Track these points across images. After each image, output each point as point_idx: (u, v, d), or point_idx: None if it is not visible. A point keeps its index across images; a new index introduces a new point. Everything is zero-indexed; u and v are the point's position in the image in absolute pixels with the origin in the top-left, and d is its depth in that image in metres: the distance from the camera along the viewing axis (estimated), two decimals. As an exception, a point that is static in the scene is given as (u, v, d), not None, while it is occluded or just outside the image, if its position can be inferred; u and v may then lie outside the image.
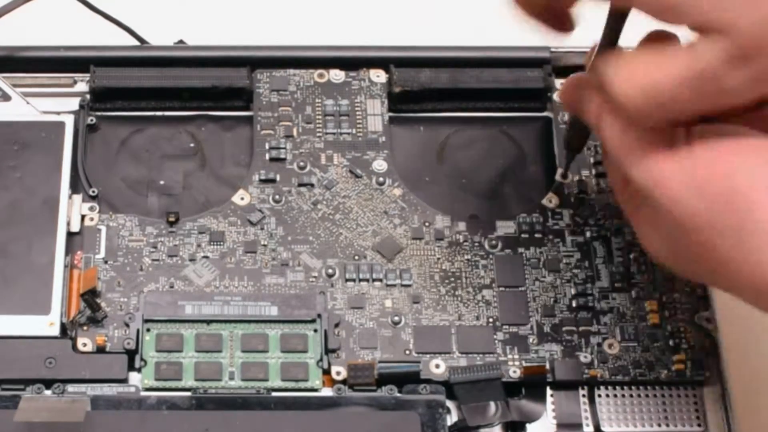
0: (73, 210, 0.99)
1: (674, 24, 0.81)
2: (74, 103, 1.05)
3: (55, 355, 0.93)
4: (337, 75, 1.07)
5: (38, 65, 1.06)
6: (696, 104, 0.81)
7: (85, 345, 0.94)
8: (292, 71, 1.07)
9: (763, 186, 0.79)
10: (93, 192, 1.01)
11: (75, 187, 1.00)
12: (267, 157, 1.03)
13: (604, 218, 1.01)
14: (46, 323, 0.94)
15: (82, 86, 1.06)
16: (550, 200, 1.02)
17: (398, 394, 0.93)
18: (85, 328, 0.95)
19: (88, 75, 1.05)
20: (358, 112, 1.05)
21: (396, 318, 0.97)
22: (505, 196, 1.04)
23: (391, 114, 1.06)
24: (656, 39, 0.84)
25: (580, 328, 0.97)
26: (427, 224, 1.01)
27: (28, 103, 1.03)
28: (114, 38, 1.08)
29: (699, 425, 0.95)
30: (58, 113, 1.03)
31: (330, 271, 0.98)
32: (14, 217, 0.98)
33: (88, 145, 1.03)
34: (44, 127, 1.02)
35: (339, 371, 0.94)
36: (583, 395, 0.95)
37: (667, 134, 0.83)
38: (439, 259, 0.99)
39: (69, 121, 1.02)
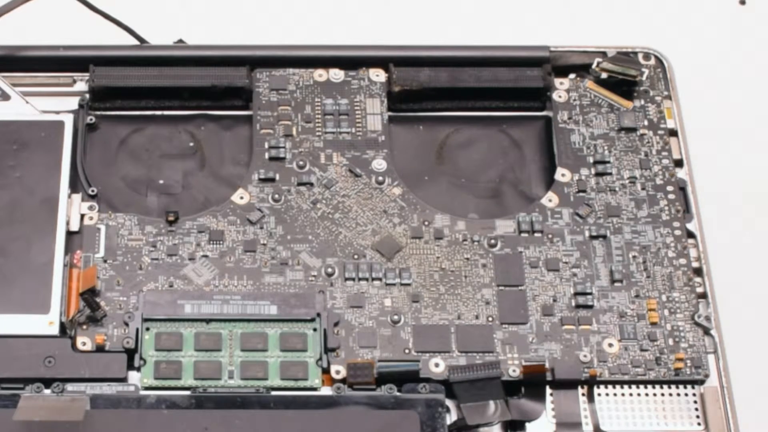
0: (72, 209, 0.99)
1: None
2: (74, 103, 1.05)
3: (55, 354, 0.93)
4: (336, 74, 1.07)
5: (38, 64, 1.06)
6: None
7: (84, 344, 0.94)
8: (291, 70, 1.07)
9: None
10: (92, 191, 1.01)
11: (74, 186, 1.00)
12: (266, 156, 1.03)
13: (604, 218, 1.01)
14: (45, 322, 0.94)
15: (81, 85, 1.06)
16: (550, 199, 1.02)
17: (398, 393, 0.93)
18: (84, 327, 0.95)
19: (87, 74, 1.05)
20: (357, 112, 1.05)
21: (395, 317, 0.96)
22: (504, 195, 1.04)
23: (390, 113, 1.06)
24: None
25: (580, 327, 0.97)
26: (426, 223, 1.01)
27: (27, 102, 1.03)
28: (114, 38, 1.08)
29: (699, 424, 0.95)
30: (58, 112, 1.03)
31: (329, 270, 0.98)
32: (14, 216, 0.98)
33: (88, 145, 1.03)
34: (44, 127, 1.02)
35: (338, 370, 0.94)
36: (583, 394, 0.95)
37: None
38: (438, 258, 0.99)
39: (68, 121, 1.02)
